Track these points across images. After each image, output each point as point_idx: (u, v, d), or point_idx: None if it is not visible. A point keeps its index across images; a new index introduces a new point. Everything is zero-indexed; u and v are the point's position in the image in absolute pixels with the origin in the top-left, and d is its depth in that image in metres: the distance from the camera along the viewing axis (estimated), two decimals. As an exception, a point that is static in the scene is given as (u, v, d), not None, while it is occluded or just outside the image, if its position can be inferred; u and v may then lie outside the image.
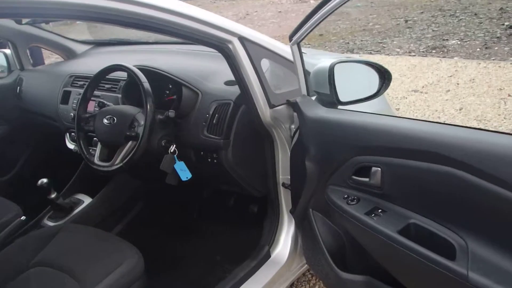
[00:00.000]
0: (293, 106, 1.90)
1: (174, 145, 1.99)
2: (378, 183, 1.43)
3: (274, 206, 2.14)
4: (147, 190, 2.76)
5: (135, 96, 2.07)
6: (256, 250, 2.12)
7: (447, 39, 8.05)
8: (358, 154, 1.49)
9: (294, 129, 1.92)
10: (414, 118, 1.38)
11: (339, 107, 1.73)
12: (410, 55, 7.41)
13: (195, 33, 1.55)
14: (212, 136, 1.95)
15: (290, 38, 1.69)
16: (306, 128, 1.69)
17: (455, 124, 1.16)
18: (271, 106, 1.88)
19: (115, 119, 1.94)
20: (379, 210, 1.43)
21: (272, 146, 2.04)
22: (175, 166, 1.97)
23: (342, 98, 1.74)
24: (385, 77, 1.79)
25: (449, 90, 5.35)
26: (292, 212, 1.94)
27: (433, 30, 8.89)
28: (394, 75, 5.83)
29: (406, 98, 5.35)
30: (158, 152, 1.99)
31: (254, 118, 1.89)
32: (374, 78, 1.81)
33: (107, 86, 2.38)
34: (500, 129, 4.10)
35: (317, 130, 1.65)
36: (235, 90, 1.94)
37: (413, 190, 1.35)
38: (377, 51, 8.07)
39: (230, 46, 1.72)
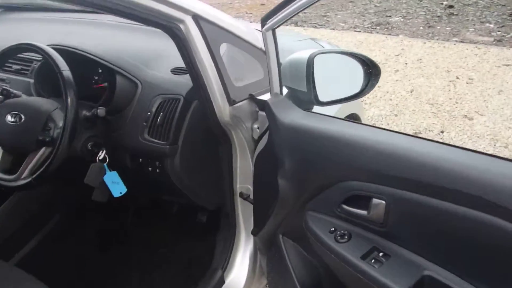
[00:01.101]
0: (259, 105, 1.52)
1: (104, 151, 1.53)
2: (381, 218, 1.09)
3: (230, 220, 1.76)
4: (66, 195, 2.22)
5: (52, 83, 1.58)
6: (207, 274, 1.74)
7: (390, 16, 7.91)
8: (352, 178, 1.14)
9: (258, 129, 1.55)
10: (438, 141, 1.04)
11: (321, 110, 1.37)
12: (355, 31, 7.18)
13: (135, 9, 1.12)
14: (155, 140, 1.53)
15: (263, 22, 1.29)
16: (280, 136, 1.32)
17: (490, 154, 0.76)
18: (231, 102, 1.49)
19: (23, 116, 1.45)
20: (381, 254, 1.09)
21: (229, 149, 1.65)
22: (105, 178, 1.52)
23: (322, 97, 1.38)
24: (371, 72, 1.44)
25: (398, 70, 5.17)
26: (254, 233, 1.57)
27: (375, 6, 8.73)
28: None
29: (355, 77, 5.11)
30: (81, 159, 1.53)
31: (209, 117, 1.49)
32: (359, 73, 1.46)
33: (15, 67, 1.84)
34: (453, 114, 3.95)
35: (295, 140, 1.28)
36: (186, 81, 1.52)
37: (429, 232, 1.03)
38: (322, 25, 7.78)
39: (181, 26, 1.32)
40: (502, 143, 3.41)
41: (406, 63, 5.39)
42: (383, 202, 1.07)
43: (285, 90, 1.44)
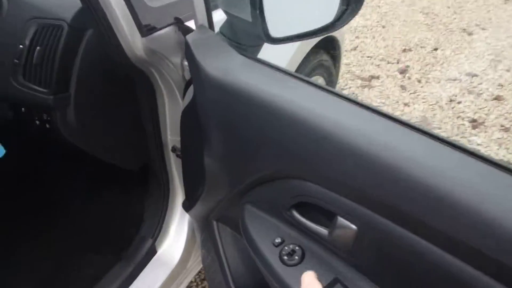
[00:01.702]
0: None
1: None
2: (348, 245, 0.69)
3: (159, 181, 1.36)
4: None
5: None
6: (133, 243, 1.38)
7: None
8: (309, 178, 0.73)
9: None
10: (451, 142, 0.59)
11: (272, 50, 0.91)
12: None
13: None
14: (32, 86, 1.07)
15: None
16: (205, 97, 0.87)
17: None
18: (145, 32, 1.02)
19: None
20: None
21: (150, 93, 1.20)
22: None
23: (275, 30, 0.91)
24: None
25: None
26: (185, 208, 1.17)
27: None
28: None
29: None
30: None
31: (113, 54, 1.02)
32: None
33: None
34: (450, 27, 3.45)
35: (226, 105, 0.84)
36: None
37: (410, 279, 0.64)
38: None
39: None
40: (505, 66, 2.97)
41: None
42: (354, 227, 0.66)
43: (219, 18, 0.96)
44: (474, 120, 2.51)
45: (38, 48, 1.04)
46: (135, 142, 1.29)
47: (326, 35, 1.75)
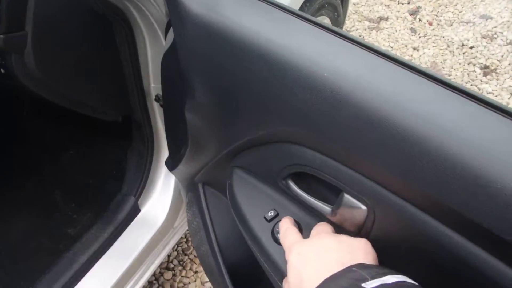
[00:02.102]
0: None
1: None
2: (355, 226, 0.58)
3: (142, 133, 1.24)
4: None
5: None
6: (114, 201, 1.28)
7: None
8: (311, 144, 0.61)
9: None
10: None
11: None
12: None
13: None
14: None
15: None
16: (186, 39, 0.73)
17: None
18: None
19: None
20: None
21: (129, 34, 1.06)
22: None
23: None
24: None
25: None
26: (169, 167, 1.05)
27: None
28: None
29: None
30: None
31: None
32: None
33: None
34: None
35: (211, 50, 0.70)
36: None
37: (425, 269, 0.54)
38: None
39: None
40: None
41: None
42: (363, 208, 0.55)
43: None
44: (486, 67, 2.35)
45: None
46: (112, 91, 1.15)
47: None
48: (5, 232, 1.35)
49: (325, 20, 1.68)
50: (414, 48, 2.50)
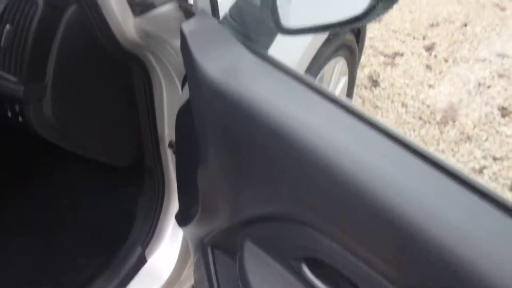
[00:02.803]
0: (188, 15, 0.88)
1: None
2: None
3: (154, 180, 1.21)
4: None
5: None
6: (122, 249, 1.24)
7: None
8: (332, 235, 0.56)
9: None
10: None
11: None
12: None
13: None
14: (0, 73, 0.88)
15: None
16: (202, 101, 0.70)
17: None
18: (138, 11, 0.85)
19: None
20: None
21: (147, 83, 1.04)
22: None
23: (287, 20, 0.73)
24: None
25: None
26: (179, 223, 1.01)
27: None
28: None
29: None
30: None
31: (100, 37, 0.86)
32: None
33: None
34: (481, 1, 3.17)
35: (226, 116, 0.67)
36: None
37: None
38: None
39: None
40: (541, 48, 2.73)
41: None
42: None
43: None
44: (504, 108, 2.30)
45: (7, 27, 0.86)
46: (126, 137, 1.13)
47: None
48: (9, 275, 1.31)
49: (341, 62, 1.65)
50: (430, 86, 2.46)
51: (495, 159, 2.04)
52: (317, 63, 1.40)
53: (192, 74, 0.69)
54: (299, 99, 0.60)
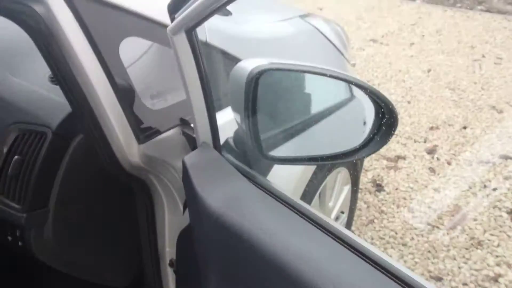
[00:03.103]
0: (191, 142, 0.91)
1: None
2: None
3: (155, 300, 1.16)
4: None
5: None
6: None
7: (407, -24, 7.04)
8: None
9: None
10: None
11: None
12: (366, -7, 6.36)
13: None
14: (4, 200, 0.90)
15: (171, 15, 0.65)
16: (203, 231, 0.70)
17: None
18: (142, 139, 0.87)
19: None
20: None
21: (149, 203, 1.04)
22: None
23: (274, 148, 0.75)
24: (383, 115, 0.77)
25: (413, 43, 4.44)
26: None
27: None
28: (349, 17, 4.83)
29: (364, 49, 4.40)
30: None
31: (105, 165, 0.87)
32: (357, 113, 0.80)
33: None
34: (478, 104, 3.28)
35: (227, 247, 0.66)
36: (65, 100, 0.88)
37: None
38: (329, -16, 6.94)
39: (36, 8, 0.68)
40: (541, 149, 2.76)
41: (423, 35, 4.64)
42: None
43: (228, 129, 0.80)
44: (513, 211, 2.27)
45: (16, 157, 0.89)
46: (126, 257, 1.11)
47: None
48: None
49: (343, 172, 1.67)
50: (435, 190, 2.46)
51: (509, 266, 1.97)
52: (318, 176, 1.42)
53: (193, 206, 0.70)
54: (299, 233, 0.60)
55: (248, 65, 0.69)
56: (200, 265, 0.74)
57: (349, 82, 0.74)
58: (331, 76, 0.72)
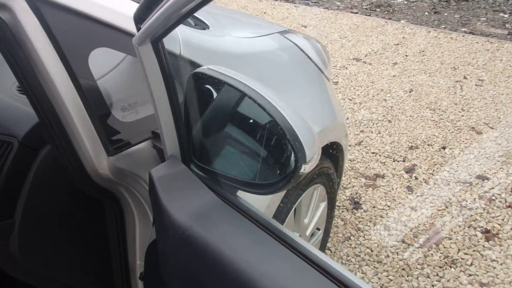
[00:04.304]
0: (161, 154, 0.91)
1: None
2: None
3: (124, 314, 1.15)
4: None
5: None
6: None
7: (393, -3, 7.18)
8: None
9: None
10: None
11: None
12: (352, 12, 6.46)
13: None
14: None
15: (137, 24, 0.65)
16: (169, 247, 0.70)
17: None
18: (112, 151, 0.87)
19: None
20: None
21: (120, 215, 1.03)
22: None
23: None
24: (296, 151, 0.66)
25: (396, 63, 4.51)
26: None
27: (378, -16, 7.97)
28: (333, 35, 4.87)
29: (347, 68, 4.45)
30: None
31: (72, 175, 0.87)
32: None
33: None
34: (458, 125, 3.33)
35: (194, 262, 0.66)
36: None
37: None
38: (315, 2, 7.03)
39: (2, 14, 0.69)
40: (517, 170, 2.81)
41: (406, 55, 4.72)
42: None
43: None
44: (487, 231, 2.30)
45: None
46: (96, 269, 1.10)
47: (328, 142, 1.60)
48: None
49: (319, 188, 1.68)
50: (412, 208, 2.48)
51: (482, 285, 1.99)
52: (293, 192, 1.42)
53: (159, 219, 0.70)
54: (263, 250, 0.60)
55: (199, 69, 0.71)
56: (165, 278, 0.74)
57: (270, 115, 0.65)
58: (255, 102, 0.66)
